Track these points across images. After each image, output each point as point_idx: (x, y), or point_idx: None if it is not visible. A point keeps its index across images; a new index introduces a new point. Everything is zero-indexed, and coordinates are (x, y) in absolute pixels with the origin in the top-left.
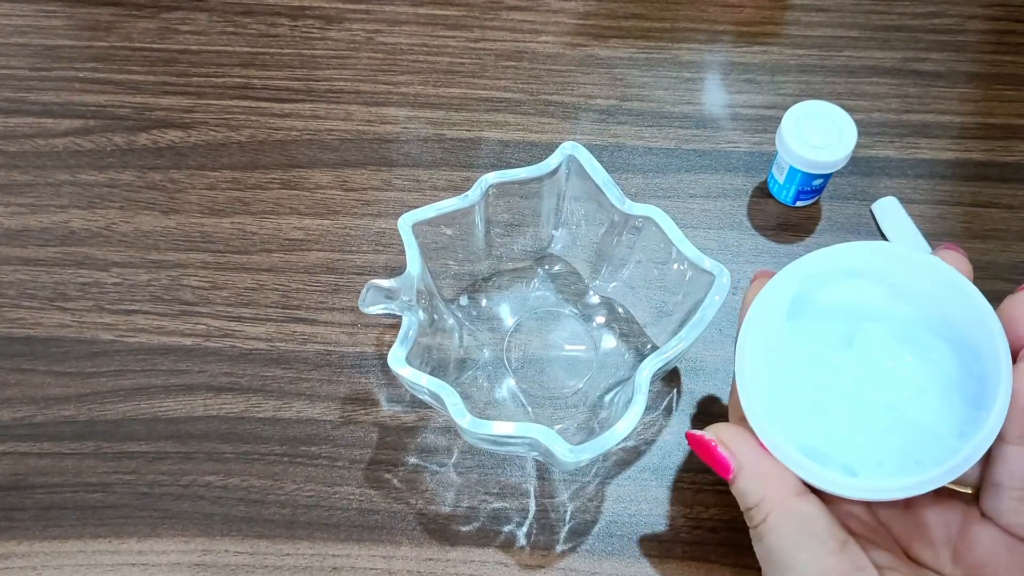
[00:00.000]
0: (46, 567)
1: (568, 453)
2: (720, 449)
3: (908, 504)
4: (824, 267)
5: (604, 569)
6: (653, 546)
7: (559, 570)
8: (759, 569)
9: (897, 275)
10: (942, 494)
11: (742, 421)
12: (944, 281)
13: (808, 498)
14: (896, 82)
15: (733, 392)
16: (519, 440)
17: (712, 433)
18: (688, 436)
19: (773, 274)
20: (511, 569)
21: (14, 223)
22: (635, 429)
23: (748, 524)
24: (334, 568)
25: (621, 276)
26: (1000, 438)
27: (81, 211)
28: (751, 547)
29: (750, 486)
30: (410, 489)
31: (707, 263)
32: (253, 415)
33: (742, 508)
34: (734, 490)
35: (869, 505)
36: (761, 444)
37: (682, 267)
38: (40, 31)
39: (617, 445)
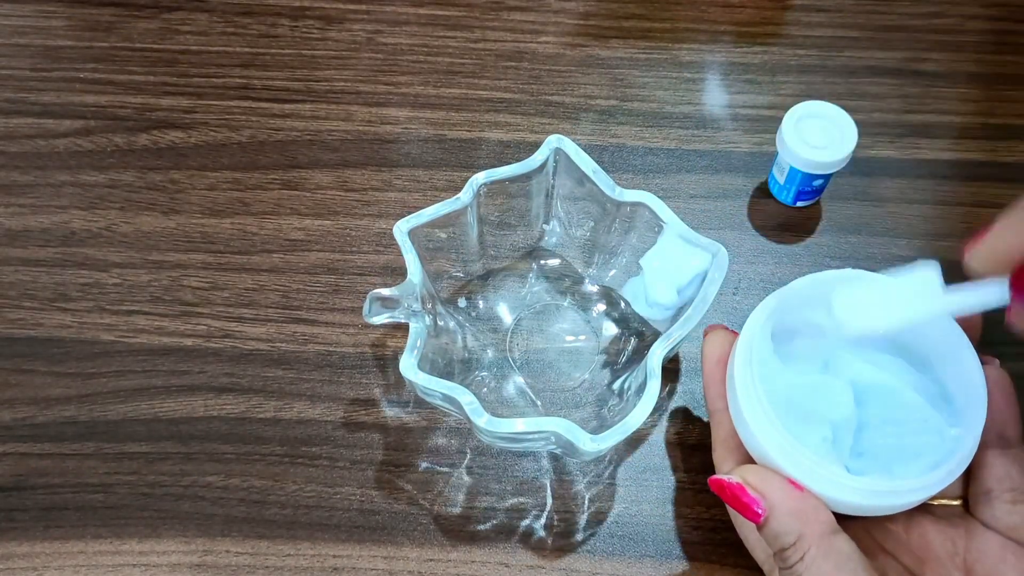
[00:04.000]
0: (47, 568)
1: (590, 442)
2: (749, 491)
3: (909, 529)
4: (794, 299)
5: (605, 569)
6: (653, 546)
7: (559, 570)
8: (760, 569)
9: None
10: (937, 512)
11: (735, 462)
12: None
13: (843, 535)
14: (896, 82)
15: (720, 440)
16: (537, 435)
17: (738, 476)
18: (711, 483)
19: (723, 327)
20: (512, 569)
21: (15, 223)
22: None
23: (779, 564)
24: (335, 569)
25: (617, 264)
26: (980, 445)
27: (82, 212)
28: None
29: (784, 526)
30: (412, 490)
31: (703, 241)
32: (254, 416)
33: (774, 550)
34: (766, 532)
35: (875, 535)
36: (791, 481)
37: None
38: (40, 32)
39: (635, 431)
